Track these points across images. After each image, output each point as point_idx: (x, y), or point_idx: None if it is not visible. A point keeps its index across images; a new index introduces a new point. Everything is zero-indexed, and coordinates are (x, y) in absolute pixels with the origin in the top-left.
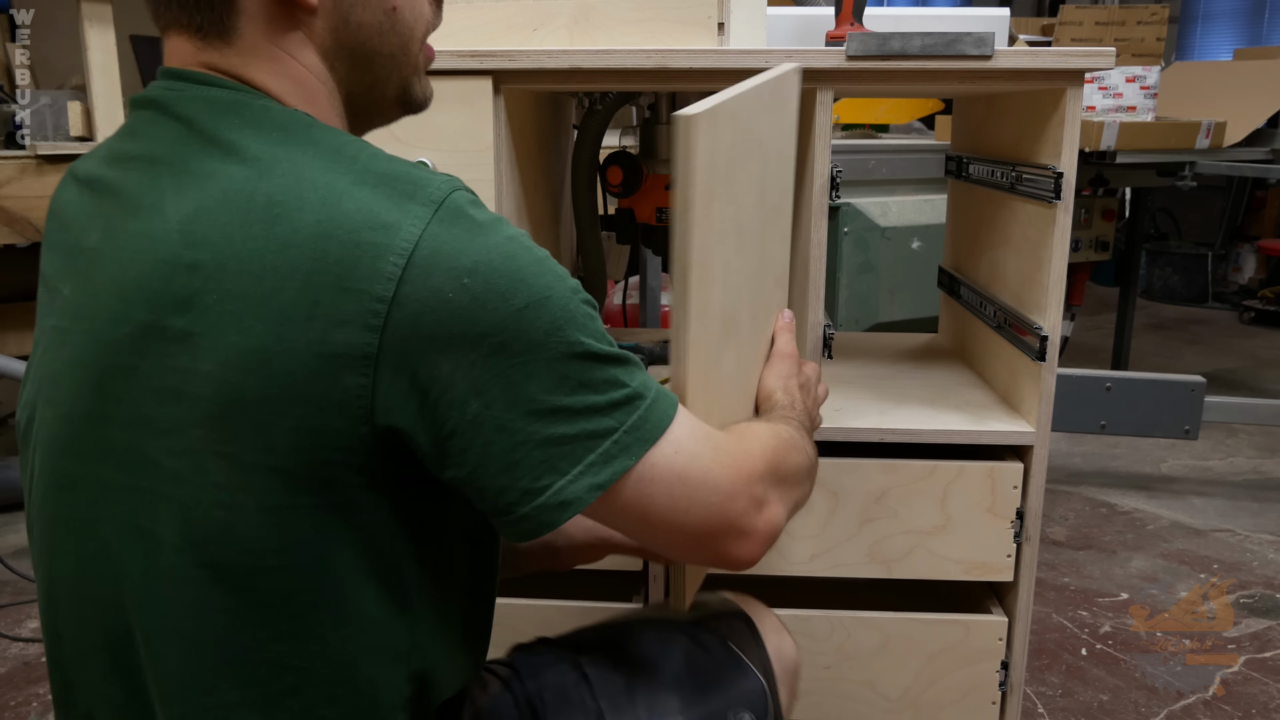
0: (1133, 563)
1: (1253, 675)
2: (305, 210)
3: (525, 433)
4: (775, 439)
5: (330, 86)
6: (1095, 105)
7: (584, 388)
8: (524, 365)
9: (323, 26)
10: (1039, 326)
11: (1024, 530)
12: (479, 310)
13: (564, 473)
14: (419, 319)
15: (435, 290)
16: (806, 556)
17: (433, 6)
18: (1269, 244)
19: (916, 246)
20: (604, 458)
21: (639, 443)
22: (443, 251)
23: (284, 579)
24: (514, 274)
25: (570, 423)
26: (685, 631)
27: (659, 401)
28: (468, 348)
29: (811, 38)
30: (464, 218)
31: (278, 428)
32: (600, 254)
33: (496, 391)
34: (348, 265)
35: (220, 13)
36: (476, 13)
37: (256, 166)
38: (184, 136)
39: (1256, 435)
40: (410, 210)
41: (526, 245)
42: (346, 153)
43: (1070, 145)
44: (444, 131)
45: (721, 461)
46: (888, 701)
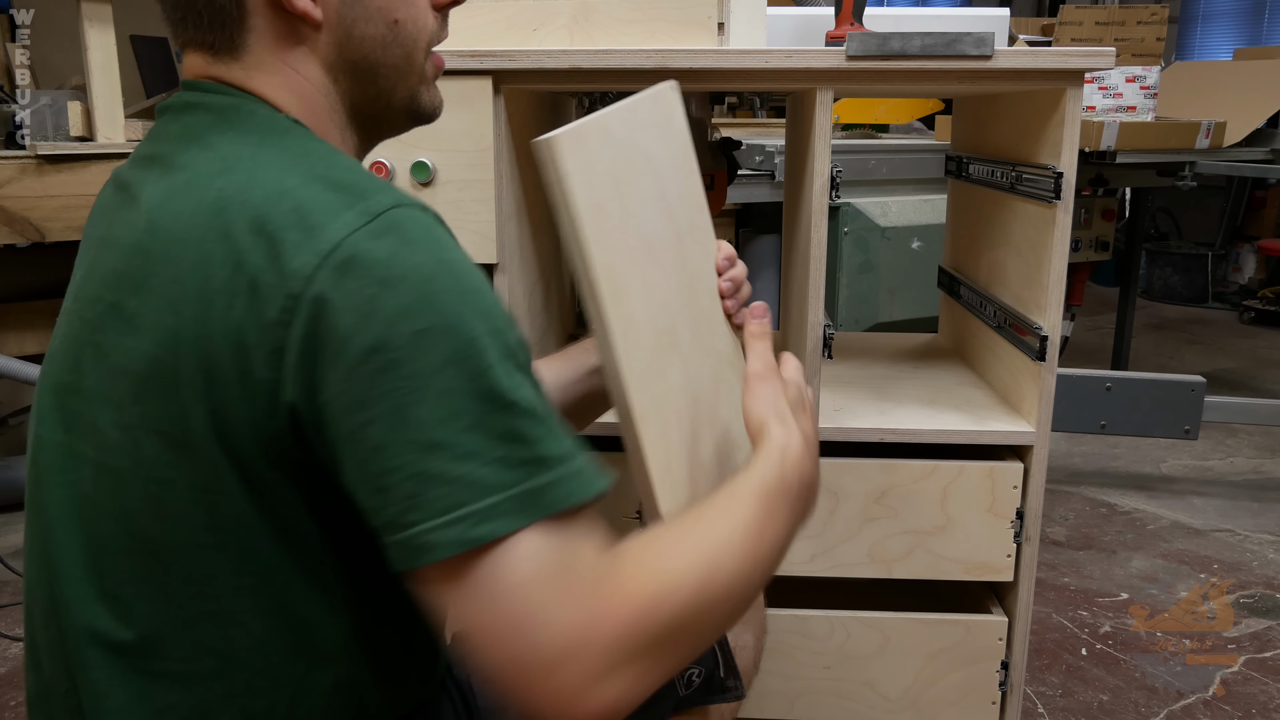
0: (1133, 563)
1: (1253, 675)
2: (247, 206)
3: (402, 459)
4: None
5: (333, 99)
6: (1095, 105)
7: (478, 430)
8: (413, 389)
9: (327, 41)
10: (1039, 326)
11: (1024, 530)
12: (379, 324)
13: (436, 514)
14: (319, 321)
15: (342, 296)
16: (806, 556)
17: (437, 18)
18: (1269, 244)
19: (916, 246)
20: (485, 512)
21: (530, 509)
22: (360, 260)
23: (209, 559)
24: (426, 295)
25: (454, 463)
26: None
27: (571, 478)
28: (360, 359)
29: (811, 38)
30: (396, 233)
31: (201, 410)
32: None
33: (380, 410)
34: (270, 259)
35: (231, 32)
36: (476, 13)
37: (222, 163)
38: (180, 136)
39: (1256, 435)
40: (343, 217)
41: (457, 273)
42: (310, 158)
43: (1070, 145)
44: (444, 131)
45: (567, 607)
46: (888, 701)
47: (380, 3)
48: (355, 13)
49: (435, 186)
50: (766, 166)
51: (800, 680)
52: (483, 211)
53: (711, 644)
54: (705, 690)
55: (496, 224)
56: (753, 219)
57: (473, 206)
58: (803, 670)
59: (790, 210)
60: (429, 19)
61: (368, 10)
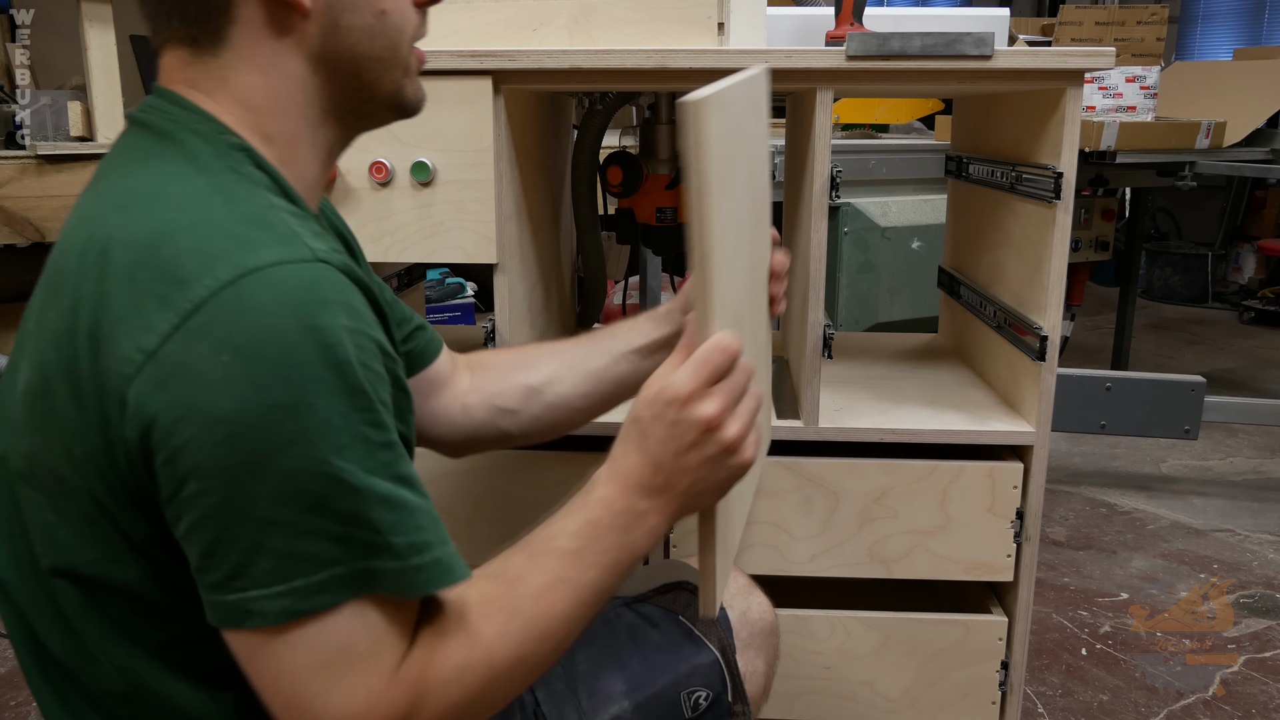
0: (1133, 563)
1: (1253, 675)
2: (129, 248)
3: (234, 530)
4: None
5: (309, 94)
6: (1095, 105)
7: (320, 510)
8: (254, 465)
9: (314, 31)
10: (1039, 326)
11: (1024, 530)
12: (226, 393)
13: (264, 584)
14: (166, 382)
15: (194, 358)
16: (806, 556)
17: (419, 13)
18: (1269, 244)
19: (916, 246)
20: (316, 587)
21: (362, 585)
22: (218, 321)
23: (85, 591)
24: (282, 369)
25: (290, 540)
26: (631, 607)
27: (419, 570)
28: (203, 426)
29: (811, 38)
30: (268, 293)
31: (79, 445)
32: (600, 254)
33: (220, 480)
34: (134, 311)
35: (217, 23)
36: (476, 13)
37: (129, 195)
38: (116, 155)
39: (1256, 435)
40: (212, 271)
41: (325, 344)
42: (217, 199)
43: (1070, 145)
44: (444, 131)
45: (343, 682)
46: (888, 701)
47: None
48: (343, 2)
49: (435, 186)
50: None
51: (800, 680)
52: (483, 211)
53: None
54: (712, 713)
55: (496, 224)
56: None
57: (473, 206)
58: (803, 670)
59: (790, 210)
60: (412, 13)
61: (356, 0)
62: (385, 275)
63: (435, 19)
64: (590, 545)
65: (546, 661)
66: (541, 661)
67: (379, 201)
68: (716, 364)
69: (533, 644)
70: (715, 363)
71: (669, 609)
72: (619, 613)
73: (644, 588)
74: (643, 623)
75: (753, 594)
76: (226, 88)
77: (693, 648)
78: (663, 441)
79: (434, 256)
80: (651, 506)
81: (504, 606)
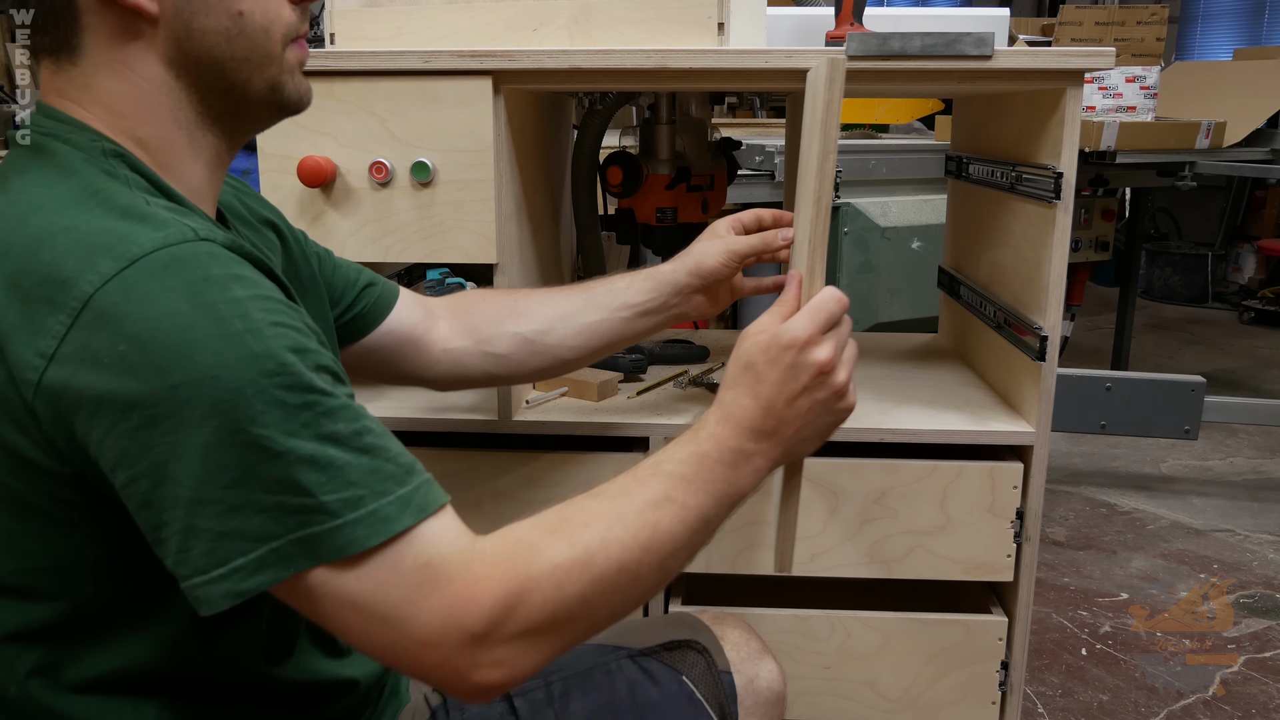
0: (1133, 563)
1: (1253, 675)
2: (9, 257)
3: (169, 514)
4: (578, 564)
5: (177, 98)
6: (1095, 105)
7: (246, 482)
8: (173, 445)
9: (165, 36)
10: (1039, 326)
11: (1024, 530)
12: (130, 380)
13: (203, 570)
14: (70, 381)
15: (93, 353)
16: (807, 556)
17: (295, 11)
18: (1269, 244)
19: (916, 246)
20: (255, 565)
21: (303, 556)
22: (111, 313)
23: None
24: (179, 347)
25: (221, 518)
26: (635, 660)
27: (354, 524)
28: (116, 417)
29: (811, 38)
30: (154, 277)
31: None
32: (600, 254)
33: (143, 467)
34: (26, 316)
35: (66, 32)
36: (476, 13)
37: (5, 204)
38: None
39: (1256, 435)
40: (99, 265)
41: (220, 317)
42: (91, 201)
43: (1070, 145)
44: (444, 131)
45: (422, 605)
46: (888, 701)
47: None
48: (193, 5)
49: (435, 186)
50: (766, 166)
51: (800, 680)
52: (483, 211)
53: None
54: None
55: (496, 224)
56: None
57: (473, 206)
58: (803, 670)
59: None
60: (283, 11)
61: (207, 3)
62: (385, 275)
63: (435, 19)
64: (698, 473)
65: (651, 576)
66: (647, 575)
67: (379, 201)
68: (830, 312)
69: (637, 552)
70: (829, 311)
71: (673, 667)
72: (621, 664)
73: (651, 641)
74: (645, 679)
75: (764, 660)
76: (92, 94)
77: (692, 711)
78: (778, 385)
79: (434, 256)
80: (759, 449)
81: (605, 515)
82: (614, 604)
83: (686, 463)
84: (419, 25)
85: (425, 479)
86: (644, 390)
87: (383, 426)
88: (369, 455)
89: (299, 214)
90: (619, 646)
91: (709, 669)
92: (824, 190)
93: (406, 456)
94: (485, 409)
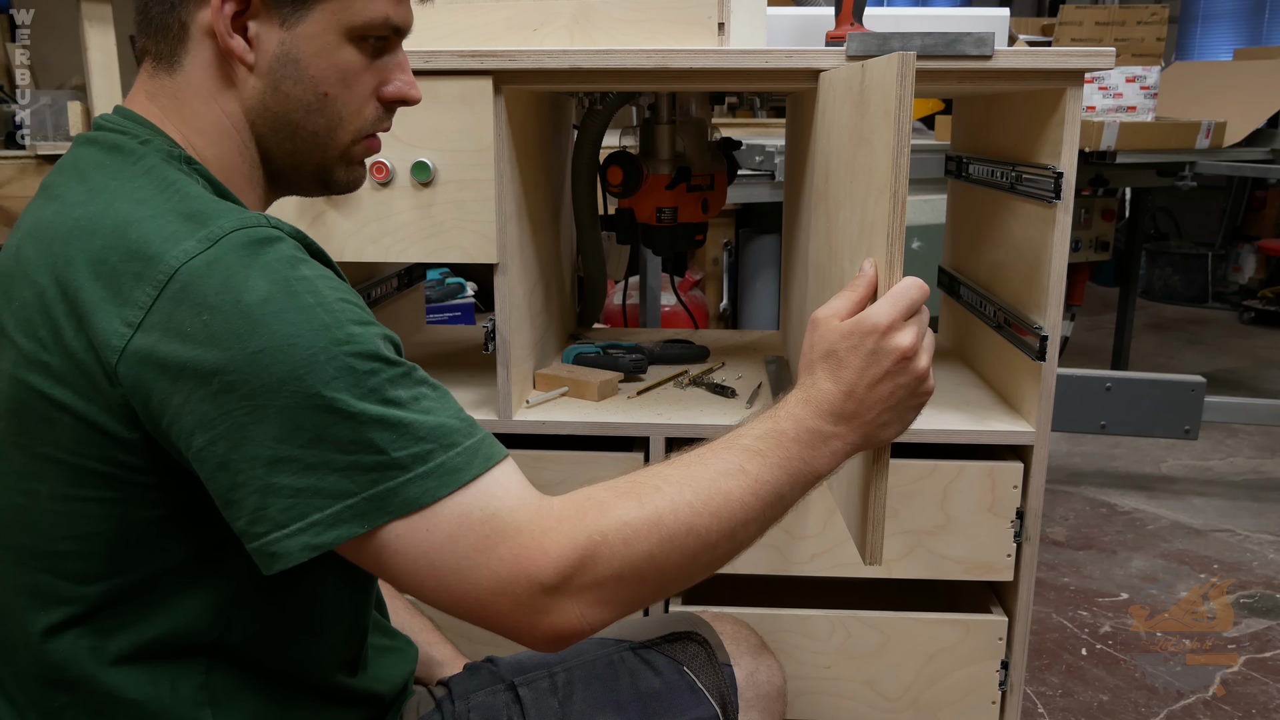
0: (1133, 563)
1: (1253, 675)
2: (96, 236)
3: (246, 475)
4: (647, 521)
5: (246, 138)
6: (1095, 105)
7: (322, 443)
8: (253, 409)
9: (255, 86)
10: (1039, 326)
11: (1024, 530)
12: (212, 348)
13: (281, 525)
14: (155, 348)
15: (177, 323)
16: (807, 556)
17: (379, 109)
18: (1269, 244)
19: (916, 246)
20: (331, 520)
21: (376, 512)
22: (194, 286)
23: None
24: (259, 317)
25: (298, 476)
26: (636, 652)
27: (424, 477)
28: (197, 382)
29: (811, 38)
30: (234, 255)
31: (59, 424)
32: (600, 254)
33: (222, 429)
34: (112, 289)
35: (174, 46)
36: (476, 13)
37: (88, 193)
38: (68, 167)
39: (1256, 435)
40: (183, 244)
41: (294, 291)
42: (170, 192)
43: (1070, 145)
44: (444, 131)
45: (490, 555)
46: (888, 701)
47: (315, 72)
48: (286, 71)
49: (435, 186)
50: (766, 166)
51: (800, 680)
52: (483, 211)
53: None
54: None
55: (497, 224)
56: (753, 219)
57: (473, 206)
58: (803, 670)
59: (790, 210)
60: (369, 108)
61: (299, 73)
62: (385, 275)
63: (435, 19)
64: (774, 449)
65: (721, 544)
66: (716, 542)
67: (379, 201)
68: (912, 299)
69: (706, 517)
70: (911, 297)
71: (674, 658)
72: (623, 656)
73: (653, 634)
74: (646, 669)
75: (763, 656)
76: (178, 106)
77: (693, 700)
78: (860, 369)
79: (434, 256)
80: (837, 432)
81: (678, 480)
82: (682, 567)
83: (763, 438)
84: (419, 25)
85: (487, 434)
86: (644, 390)
87: (443, 387)
88: (434, 414)
89: (299, 214)
90: (621, 639)
91: (710, 660)
92: (900, 184)
93: (467, 414)
94: (486, 408)
